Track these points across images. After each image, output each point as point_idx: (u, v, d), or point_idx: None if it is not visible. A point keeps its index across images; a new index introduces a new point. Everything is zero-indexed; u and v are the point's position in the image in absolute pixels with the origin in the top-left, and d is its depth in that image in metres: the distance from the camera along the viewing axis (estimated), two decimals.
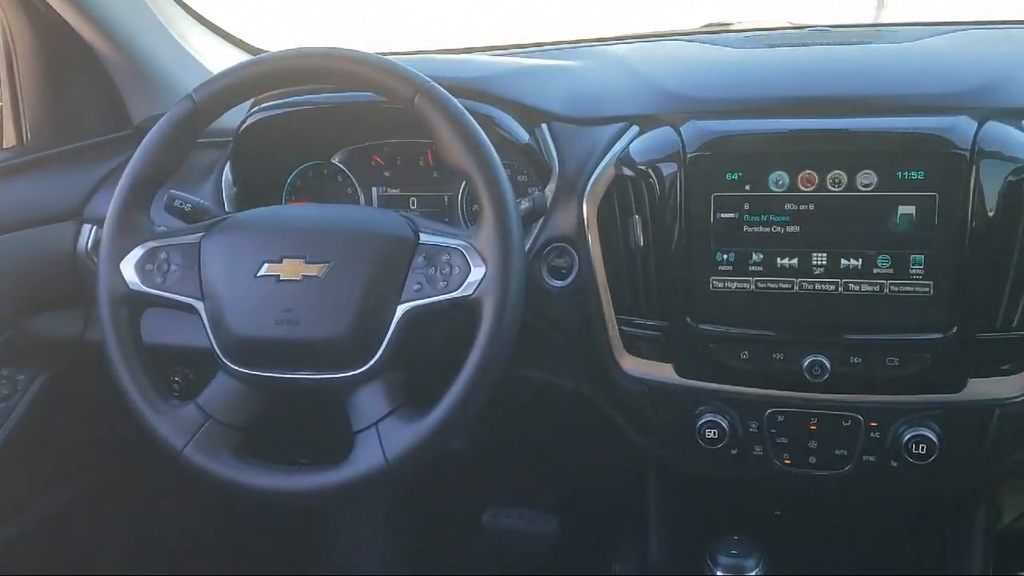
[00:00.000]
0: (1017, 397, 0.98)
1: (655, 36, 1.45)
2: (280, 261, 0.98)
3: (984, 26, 1.28)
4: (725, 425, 1.05)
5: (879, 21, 1.40)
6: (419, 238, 0.98)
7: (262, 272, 0.98)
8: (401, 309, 0.96)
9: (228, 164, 1.25)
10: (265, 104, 1.21)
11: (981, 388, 0.98)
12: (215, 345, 1.00)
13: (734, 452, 1.07)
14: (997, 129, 0.95)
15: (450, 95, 0.96)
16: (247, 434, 1.00)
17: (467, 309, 0.93)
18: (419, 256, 0.97)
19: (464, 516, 1.67)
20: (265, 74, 1.01)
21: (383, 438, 0.94)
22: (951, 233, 0.94)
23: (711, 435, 1.05)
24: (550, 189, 1.12)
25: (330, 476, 0.95)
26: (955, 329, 0.96)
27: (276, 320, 0.97)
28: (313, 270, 0.97)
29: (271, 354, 0.98)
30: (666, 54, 1.30)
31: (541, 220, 1.11)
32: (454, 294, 0.94)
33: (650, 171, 1.03)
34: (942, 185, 0.94)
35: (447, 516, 1.73)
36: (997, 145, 0.94)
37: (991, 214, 0.93)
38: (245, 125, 1.21)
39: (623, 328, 1.08)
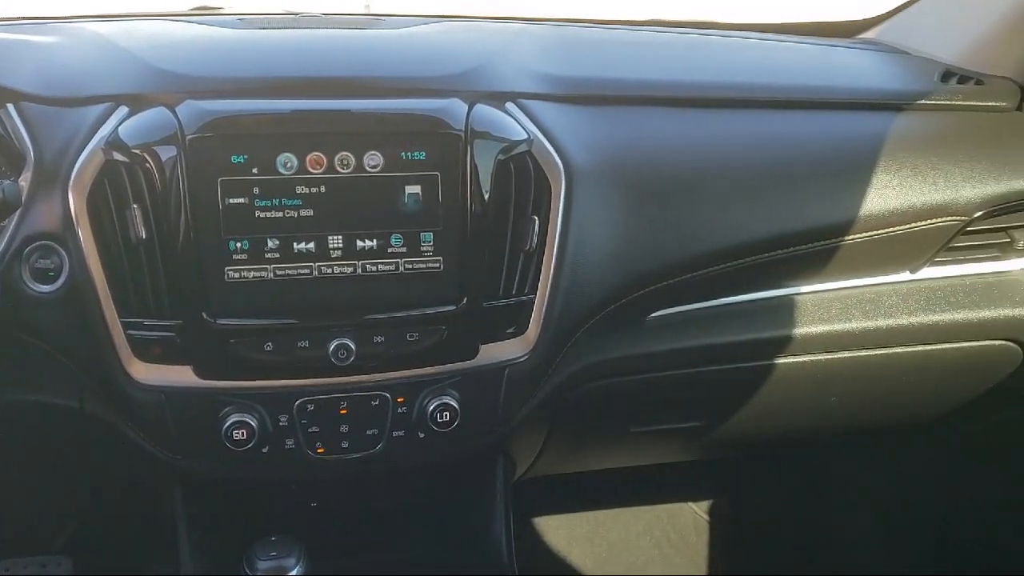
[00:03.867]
0: (521, 356, 1.06)
1: (137, 15, 1.33)
2: None
3: (461, 19, 1.38)
4: (254, 423, 1.00)
5: (370, 12, 1.44)
6: None
7: None
8: None
9: None
10: None
11: (492, 352, 1.05)
12: None
13: (265, 450, 1.02)
14: (485, 111, 1.01)
15: None
16: None
17: None
18: None
19: None
20: None
21: None
22: (454, 210, 0.99)
23: (239, 436, 1.00)
24: (25, 179, 0.96)
25: None
26: (465, 300, 1.01)
27: None
28: None
29: None
30: (154, 32, 1.19)
31: (16, 215, 0.95)
32: None
33: (146, 155, 0.93)
34: (442, 164, 0.98)
35: None
36: (486, 126, 1.00)
37: (486, 190, 1.00)
38: None
39: (130, 332, 0.97)
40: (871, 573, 1.79)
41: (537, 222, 1.02)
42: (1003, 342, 1.28)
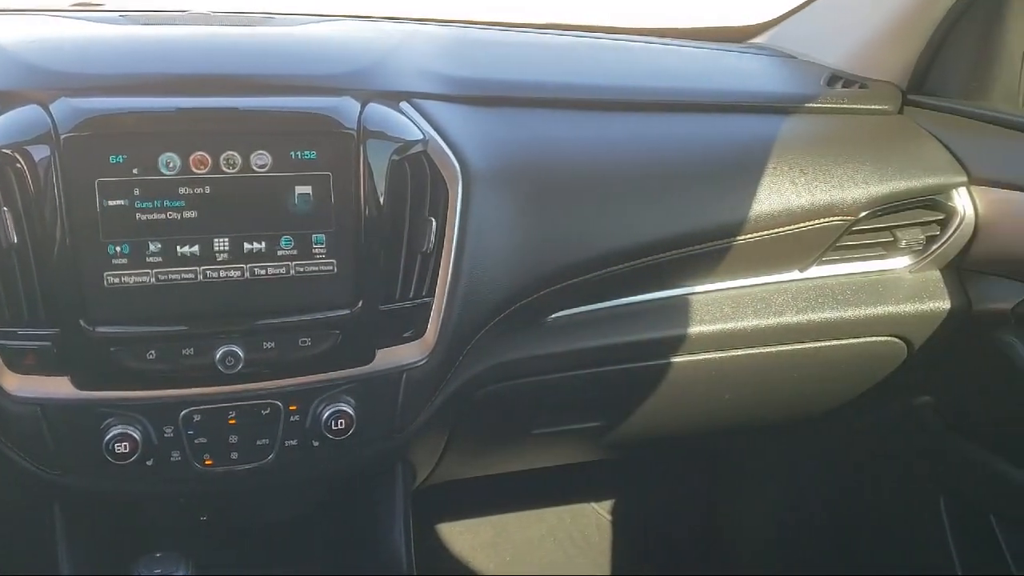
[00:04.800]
0: (420, 361, 1.04)
1: (11, 11, 1.26)
2: None
3: (355, 18, 1.36)
4: (137, 436, 0.96)
5: (264, 10, 1.40)
6: None
7: None
8: None
9: None
10: None
11: (389, 356, 1.03)
12: None
13: (150, 463, 0.98)
14: (378, 110, 0.99)
15: None
16: None
17: None
18: None
19: None
20: None
21: None
22: (348, 211, 0.97)
23: (122, 449, 0.95)
24: None
25: None
26: (360, 304, 0.99)
27: None
28: None
29: None
30: (28, 28, 1.13)
31: None
32: None
33: (16, 155, 0.88)
34: (334, 165, 0.96)
35: None
36: (380, 125, 0.98)
37: (381, 191, 0.97)
38: None
39: (2, 342, 0.92)
40: (769, 570, 1.84)
41: (434, 223, 1.01)
42: (888, 338, 1.33)
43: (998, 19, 1.35)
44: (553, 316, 1.19)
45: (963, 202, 1.27)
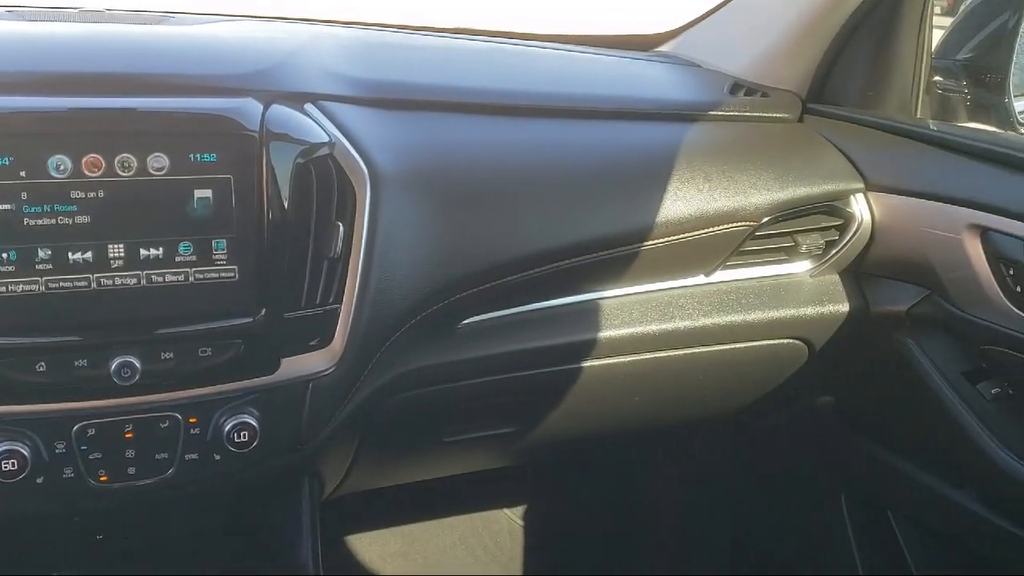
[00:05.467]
0: (327, 370, 1.02)
1: None
2: None
3: (258, 18, 1.32)
4: (26, 452, 0.91)
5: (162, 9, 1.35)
6: None
7: None
8: None
9: None
10: None
11: (294, 365, 1.00)
12: None
13: (40, 481, 0.93)
14: (282, 112, 0.97)
15: None
16: None
17: None
18: None
19: None
20: None
21: None
22: (250, 216, 0.94)
23: (9, 467, 0.90)
24: None
25: None
26: (263, 312, 0.96)
27: None
28: None
29: None
30: None
31: None
32: None
33: None
34: (235, 167, 0.93)
35: None
36: (283, 127, 0.96)
37: (285, 195, 0.95)
38: None
39: None
40: (677, 570, 1.86)
41: (341, 228, 0.98)
42: (790, 340, 1.36)
43: (892, 31, 1.40)
44: (465, 322, 1.18)
45: (860, 208, 1.31)
